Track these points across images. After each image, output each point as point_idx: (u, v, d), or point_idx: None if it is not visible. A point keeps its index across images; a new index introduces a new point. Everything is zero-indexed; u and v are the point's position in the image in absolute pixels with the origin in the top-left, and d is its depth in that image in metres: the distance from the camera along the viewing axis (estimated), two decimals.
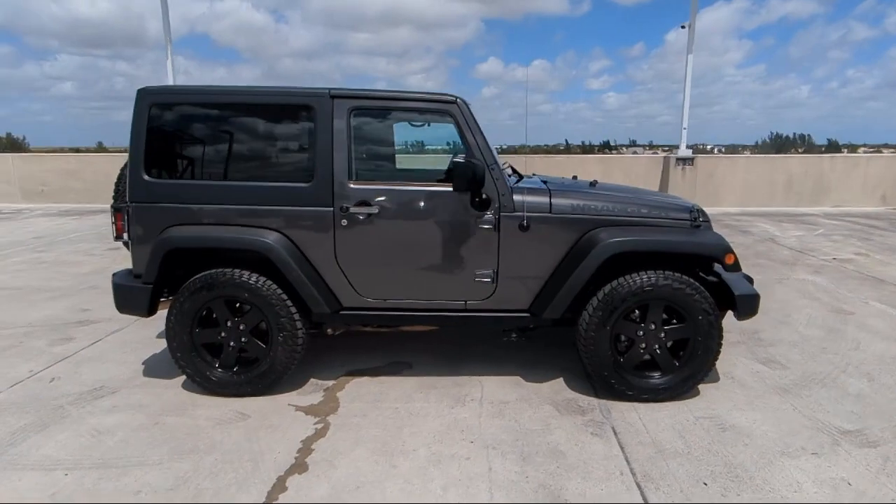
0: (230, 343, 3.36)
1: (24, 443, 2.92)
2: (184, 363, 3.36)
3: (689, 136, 12.19)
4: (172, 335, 3.33)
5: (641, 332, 3.28)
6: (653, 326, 3.26)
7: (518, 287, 3.34)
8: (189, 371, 3.38)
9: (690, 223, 3.39)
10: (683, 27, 11.30)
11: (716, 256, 3.28)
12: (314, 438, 2.95)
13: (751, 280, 3.59)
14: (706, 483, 2.57)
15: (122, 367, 3.88)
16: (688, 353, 3.28)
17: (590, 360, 3.29)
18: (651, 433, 2.99)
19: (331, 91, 3.22)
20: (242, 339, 3.35)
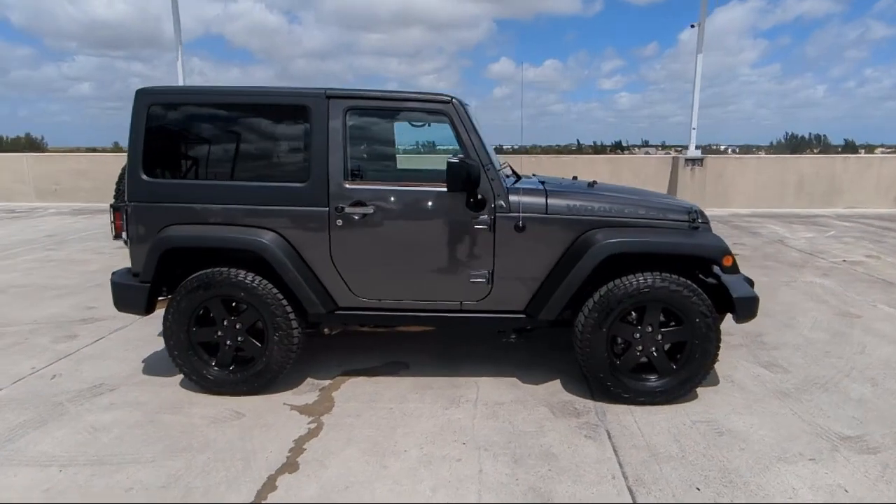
0: (227, 342, 3.38)
1: (22, 439, 2.95)
2: (181, 361, 3.38)
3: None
4: (170, 334, 3.35)
5: (638, 335, 3.24)
6: (650, 329, 3.23)
7: (514, 288, 3.33)
8: (186, 369, 3.40)
9: (689, 224, 3.36)
10: (693, 26, 11.20)
11: (713, 258, 3.24)
12: (307, 438, 2.96)
13: (751, 282, 3.54)
14: (699, 488, 2.53)
15: (123, 365, 3.91)
16: (685, 356, 3.24)
17: (586, 362, 3.26)
18: (646, 437, 2.96)
19: (326, 91, 3.22)
20: (239, 338, 3.37)
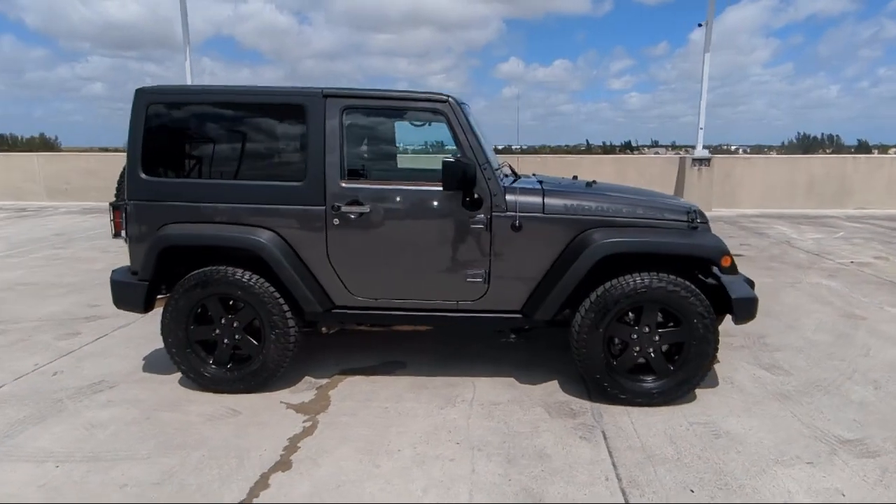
0: (224, 340, 3.39)
1: (21, 435, 2.98)
2: (178, 359, 3.40)
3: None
4: (168, 332, 3.37)
5: (635, 335, 3.22)
6: (647, 329, 3.21)
7: (510, 288, 3.31)
8: (184, 367, 3.42)
9: (687, 224, 3.33)
10: (701, 25, 11.11)
11: (711, 258, 3.21)
12: (302, 436, 2.96)
13: (751, 283, 3.50)
14: (693, 490, 2.51)
15: (124, 363, 3.94)
16: (683, 358, 3.21)
17: (582, 363, 3.25)
18: (642, 438, 2.94)
19: (323, 91, 3.23)
20: (236, 337, 3.38)
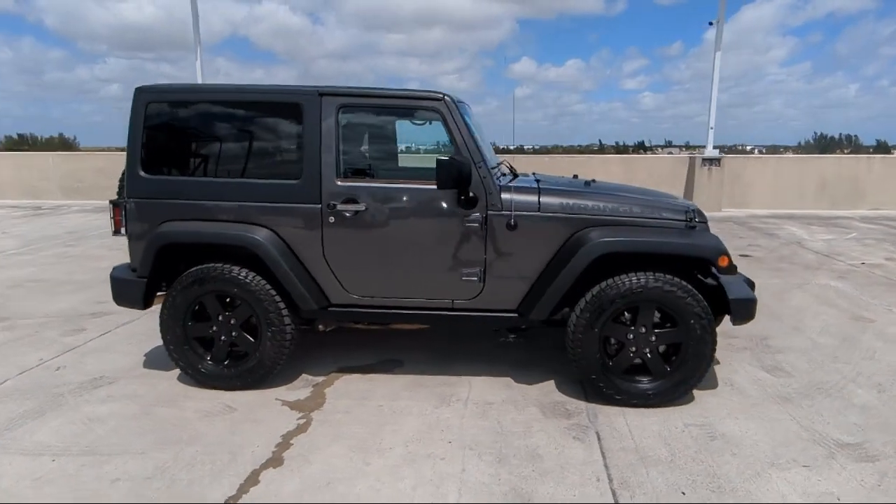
0: (221, 337, 3.42)
1: (21, 428, 3.02)
2: (176, 356, 3.43)
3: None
4: (166, 328, 3.40)
5: (631, 336, 3.19)
6: (643, 329, 3.18)
7: (506, 287, 3.30)
8: (182, 363, 3.45)
9: (686, 224, 3.29)
10: (712, 24, 10.99)
11: (708, 258, 3.17)
12: (295, 433, 2.97)
13: (752, 284, 3.45)
14: (684, 492, 2.48)
15: (126, 359, 3.99)
16: (680, 358, 3.18)
17: (578, 363, 3.22)
18: (636, 439, 2.91)
19: (319, 89, 3.24)
20: (233, 334, 3.41)
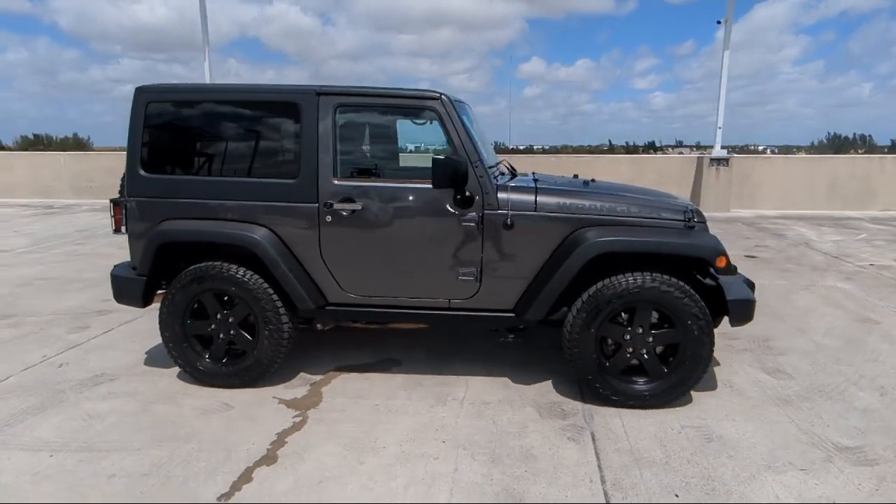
0: (220, 335, 3.44)
1: (21, 424, 3.07)
2: (175, 353, 3.46)
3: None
4: (165, 326, 3.43)
5: (628, 336, 3.17)
6: (640, 330, 3.16)
7: (502, 286, 3.29)
8: (181, 361, 3.48)
9: (684, 224, 3.26)
10: (720, 23, 10.90)
11: (705, 259, 3.14)
12: (290, 431, 2.99)
13: (752, 285, 3.42)
14: (677, 495, 2.46)
15: (128, 356, 4.03)
16: (677, 360, 3.15)
17: (574, 363, 3.21)
18: (631, 440, 2.89)
19: (317, 88, 3.25)
20: (231, 332, 3.43)
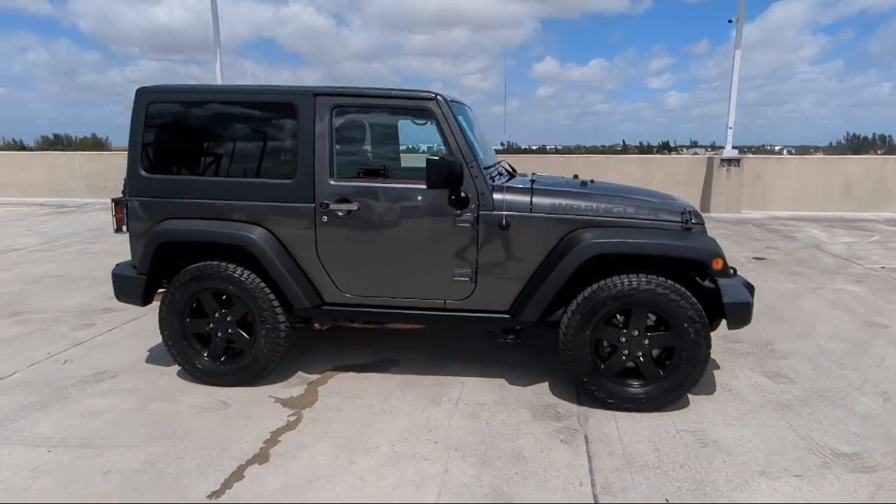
0: (218, 334, 3.47)
1: (23, 419, 3.12)
2: (175, 351, 3.50)
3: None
4: (164, 324, 3.47)
5: (624, 339, 3.15)
6: (636, 333, 3.13)
7: (498, 287, 3.29)
8: (179, 359, 3.52)
9: (682, 225, 3.23)
10: (731, 21, 10.78)
11: (702, 261, 3.11)
12: (284, 430, 3.01)
13: (751, 288, 3.38)
14: (668, 499, 2.44)
15: (131, 354, 4.08)
16: (673, 363, 3.12)
17: (569, 365, 3.19)
18: (625, 444, 2.87)
19: (314, 89, 3.27)
20: (229, 331, 3.46)
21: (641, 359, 3.15)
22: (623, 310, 3.12)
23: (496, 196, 3.21)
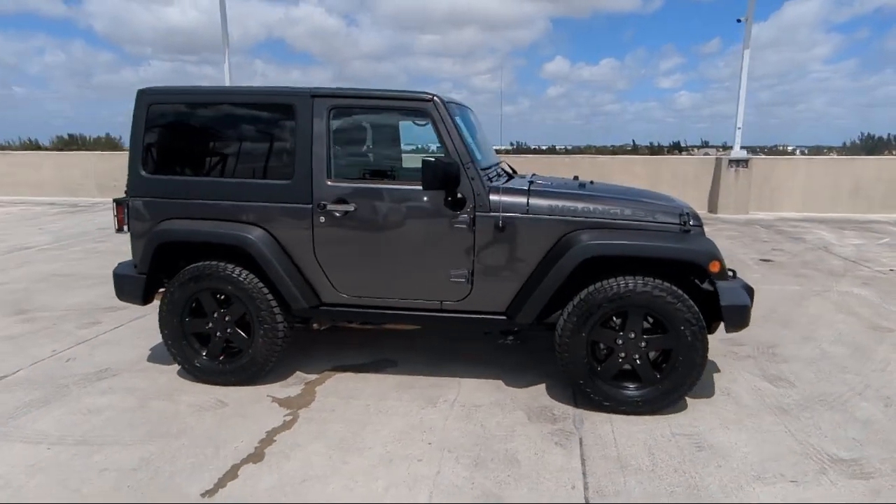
0: (217, 333, 3.50)
1: (25, 416, 3.16)
2: (174, 350, 3.54)
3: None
4: (164, 323, 3.51)
5: (620, 341, 3.13)
6: (632, 335, 3.11)
7: (494, 289, 3.28)
8: (178, 358, 3.55)
9: (680, 227, 3.21)
10: (740, 21, 10.69)
11: (698, 263, 3.08)
12: (280, 430, 3.02)
13: (751, 291, 3.34)
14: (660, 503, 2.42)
15: (133, 352, 4.12)
16: (670, 366, 3.10)
17: (565, 367, 3.18)
18: (619, 447, 2.86)
19: (312, 90, 3.28)
20: (227, 330, 3.49)
21: (638, 361, 3.14)
22: (619, 312, 3.11)
23: (493, 197, 3.21)
